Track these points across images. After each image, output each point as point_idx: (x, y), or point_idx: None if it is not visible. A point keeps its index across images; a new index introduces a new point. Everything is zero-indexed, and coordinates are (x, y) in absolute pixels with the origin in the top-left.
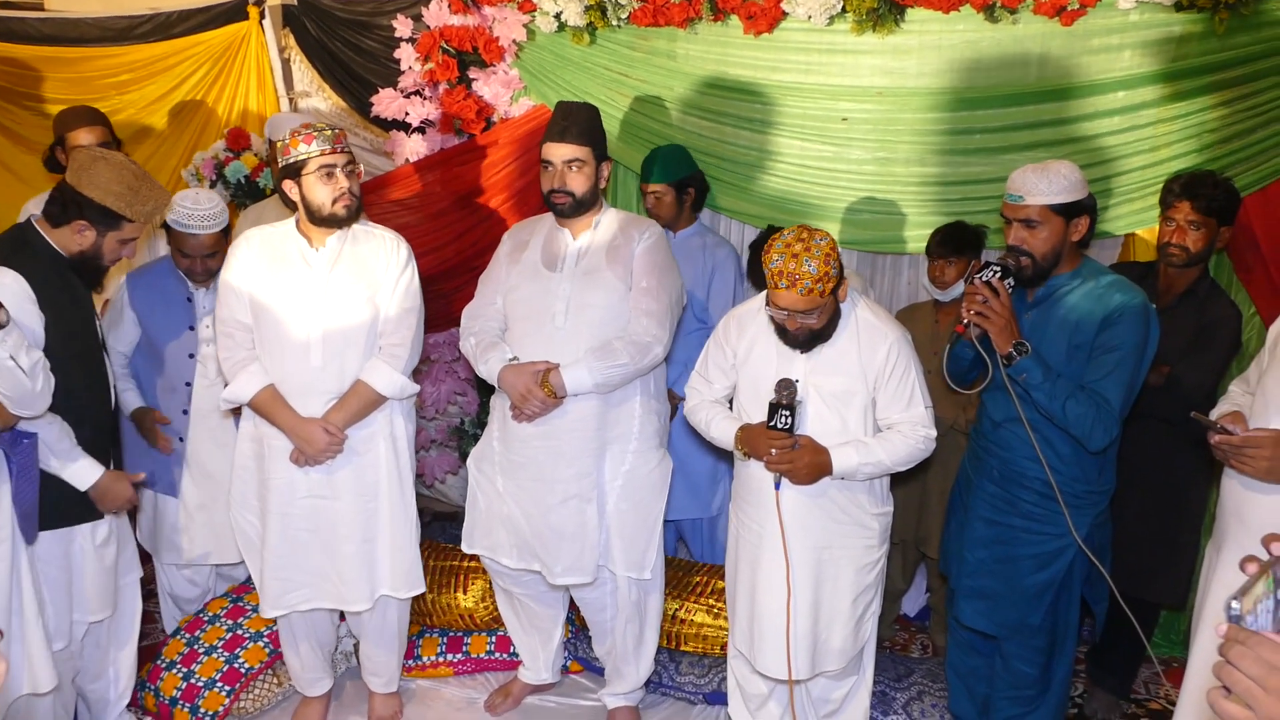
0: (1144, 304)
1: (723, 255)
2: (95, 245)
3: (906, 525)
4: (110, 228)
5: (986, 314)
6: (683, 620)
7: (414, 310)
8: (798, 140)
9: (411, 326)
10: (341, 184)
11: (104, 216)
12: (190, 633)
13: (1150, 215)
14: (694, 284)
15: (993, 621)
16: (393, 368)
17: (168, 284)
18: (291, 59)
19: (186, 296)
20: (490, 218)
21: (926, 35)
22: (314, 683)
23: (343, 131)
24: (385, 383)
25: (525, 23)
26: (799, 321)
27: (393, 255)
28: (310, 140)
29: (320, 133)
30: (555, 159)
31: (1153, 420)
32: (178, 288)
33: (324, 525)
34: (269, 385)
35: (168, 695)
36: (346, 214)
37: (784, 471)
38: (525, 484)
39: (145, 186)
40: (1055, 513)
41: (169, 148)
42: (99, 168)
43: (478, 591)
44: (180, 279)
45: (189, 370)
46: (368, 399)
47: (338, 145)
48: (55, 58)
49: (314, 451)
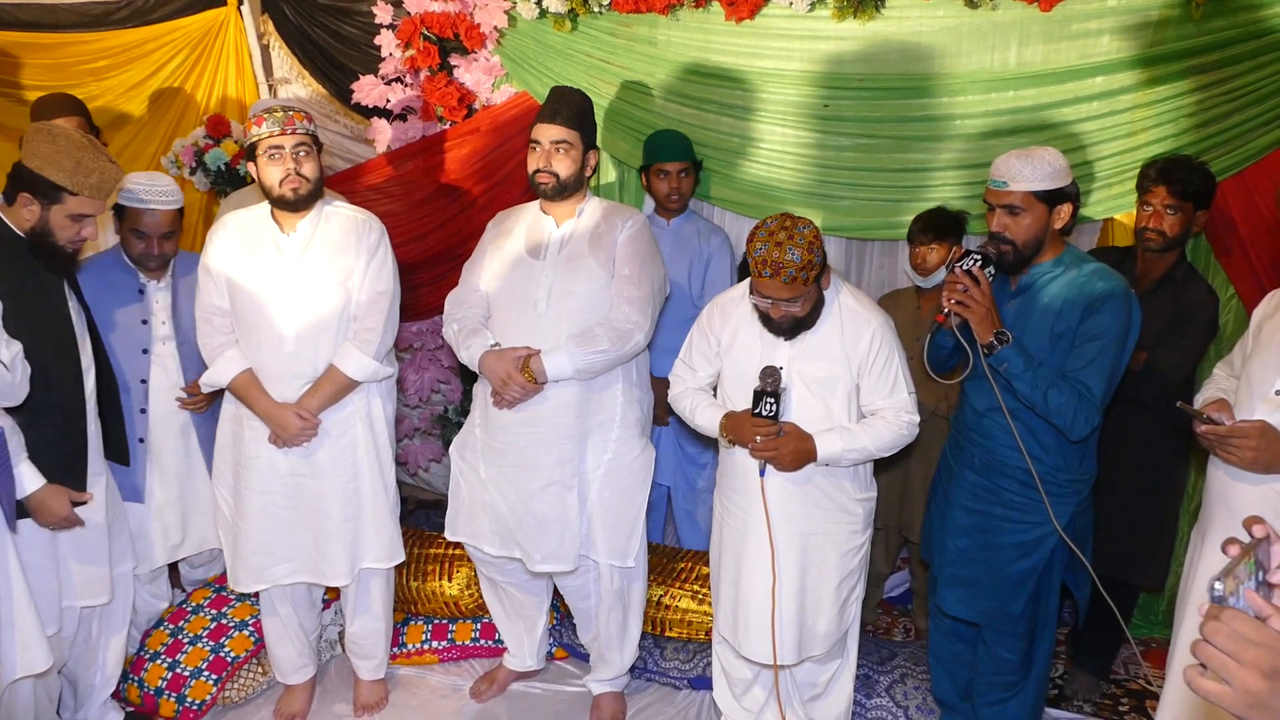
0: (1126, 291)
1: (717, 242)
2: (42, 220)
3: (889, 510)
4: (53, 201)
5: (967, 303)
6: (667, 606)
7: (387, 294)
8: (780, 127)
9: (384, 310)
10: (288, 165)
11: (46, 189)
12: (174, 623)
13: (1128, 200)
14: (690, 271)
15: (974, 609)
16: (363, 352)
17: (114, 275)
18: (270, 45)
19: (138, 288)
20: (472, 205)
21: (906, 21)
22: (297, 670)
23: (300, 114)
24: (356, 367)
25: (507, 9)
26: (783, 309)
27: (364, 238)
28: (261, 122)
29: (272, 114)
30: (543, 139)
31: (1131, 404)
32: (126, 279)
33: (305, 503)
34: (247, 370)
35: (152, 686)
36: (294, 196)
37: (769, 458)
38: (506, 470)
39: (89, 159)
40: (1037, 502)
41: (147, 134)
42: (40, 139)
43: (462, 579)
44: (129, 270)
45: (142, 367)
46: (340, 384)
47: (288, 127)
48: (31, 43)
49: (288, 436)
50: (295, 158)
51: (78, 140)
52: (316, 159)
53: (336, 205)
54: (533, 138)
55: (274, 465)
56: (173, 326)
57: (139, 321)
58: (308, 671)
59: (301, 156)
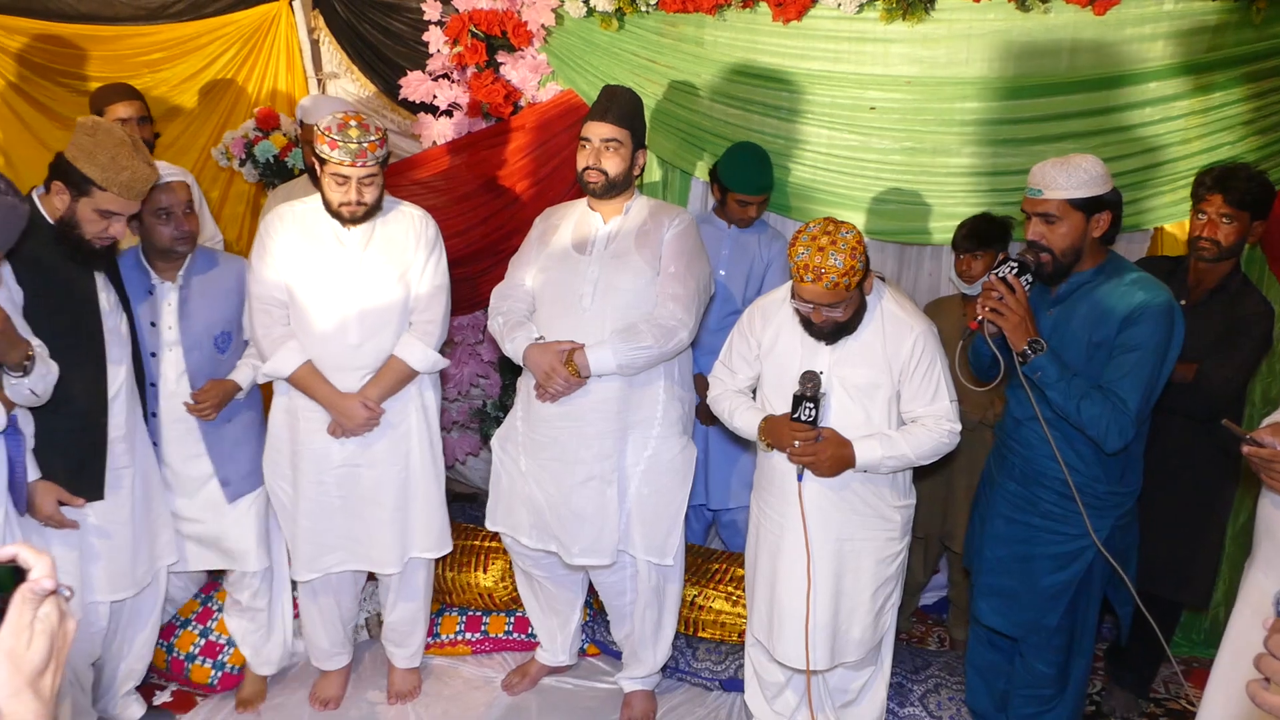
0: (1168, 303)
1: (778, 249)
2: (70, 210)
3: (932, 520)
4: (83, 193)
5: (1001, 310)
6: (701, 606)
7: (444, 287)
8: (825, 129)
9: (442, 303)
10: (351, 194)
11: (78, 180)
12: (205, 593)
13: (1182, 209)
14: (749, 275)
15: (1009, 620)
16: (425, 344)
17: (129, 275)
18: (321, 40)
19: (148, 289)
20: (516, 201)
21: (956, 24)
22: (330, 656)
23: (374, 144)
24: (419, 358)
25: (554, 7)
26: (824, 314)
27: (422, 234)
28: (334, 146)
29: (346, 143)
30: (594, 136)
31: (1179, 418)
32: (139, 278)
33: (357, 493)
34: (307, 361)
35: (183, 651)
36: (350, 218)
37: (807, 463)
38: (547, 464)
39: (125, 156)
40: (1075, 513)
41: (199, 126)
42: (83, 132)
43: (497, 571)
44: (143, 270)
45: (152, 370)
46: (402, 374)
47: (360, 160)
48: (92, 36)
49: (353, 425)
50: (359, 187)
51: (118, 137)
52: (381, 181)
53: (393, 202)
54: (583, 135)
55: (328, 455)
56: (179, 331)
57: (148, 324)
58: (342, 659)
59: (365, 185)
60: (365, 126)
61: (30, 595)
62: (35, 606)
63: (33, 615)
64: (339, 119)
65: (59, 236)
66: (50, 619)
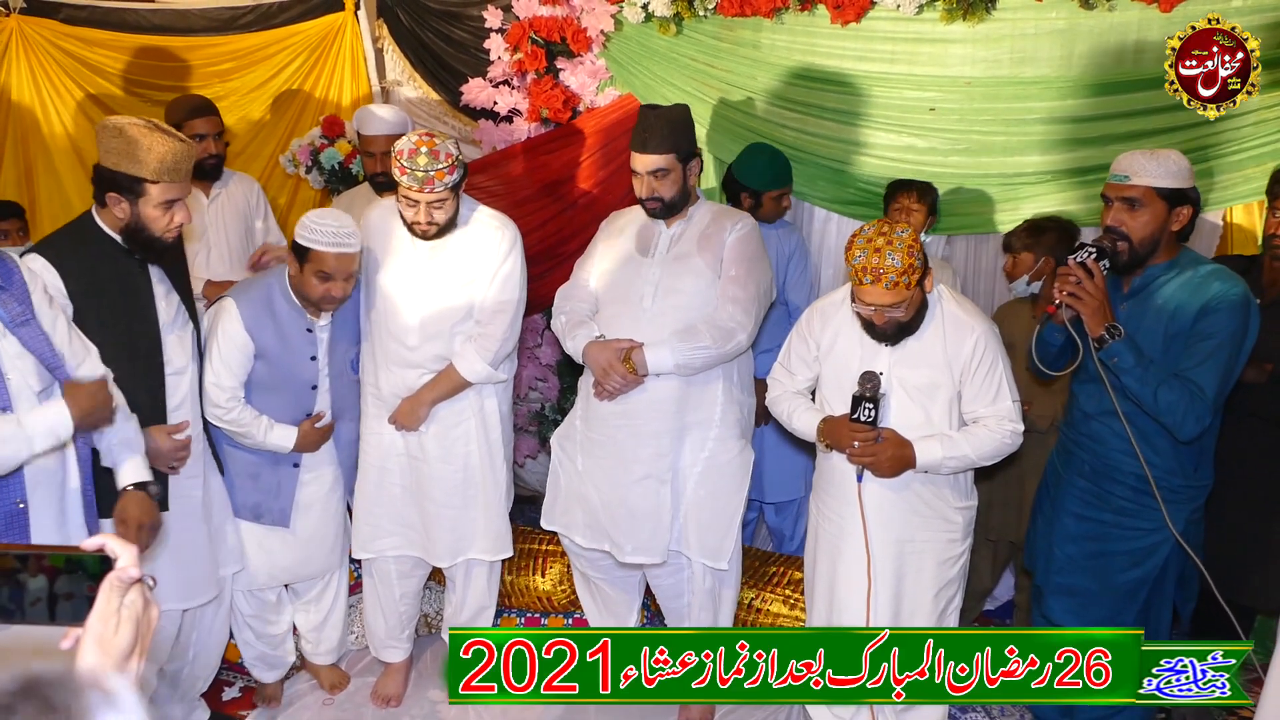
0: (1244, 294)
1: (794, 242)
2: (134, 215)
3: (1006, 525)
4: (138, 194)
5: (1079, 295)
6: (758, 610)
7: (512, 302)
8: (884, 131)
9: (508, 318)
10: (420, 215)
11: (128, 183)
12: None
13: (1246, 190)
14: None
15: (1083, 619)
16: (481, 357)
17: (280, 308)
18: (385, 49)
19: (306, 327)
20: (574, 205)
21: (1018, 23)
22: (386, 646)
23: (442, 171)
24: (471, 369)
25: (613, 13)
26: (886, 315)
27: (496, 246)
28: (404, 173)
29: (414, 171)
30: (640, 170)
31: (1253, 419)
32: (295, 317)
33: (415, 483)
34: None
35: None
36: (420, 235)
37: (867, 464)
38: (603, 462)
39: (147, 138)
40: (1148, 508)
41: (267, 134)
42: (107, 136)
43: (555, 574)
44: (296, 307)
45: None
46: (455, 382)
47: (427, 187)
48: (164, 47)
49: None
50: (428, 210)
51: (135, 123)
52: (454, 203)
53: (472, 206)
54: (632, 166)
55: (393, 443)
56: (327, 363)
57: (308, 359)
58: (398, 653)
59: (435, 208)
60: (435, 154)
61: (117, 583)
62: (121, 594)
63: (119, 602)
64: (412, 143)
65: (129, 244)
66: (135, 605)
